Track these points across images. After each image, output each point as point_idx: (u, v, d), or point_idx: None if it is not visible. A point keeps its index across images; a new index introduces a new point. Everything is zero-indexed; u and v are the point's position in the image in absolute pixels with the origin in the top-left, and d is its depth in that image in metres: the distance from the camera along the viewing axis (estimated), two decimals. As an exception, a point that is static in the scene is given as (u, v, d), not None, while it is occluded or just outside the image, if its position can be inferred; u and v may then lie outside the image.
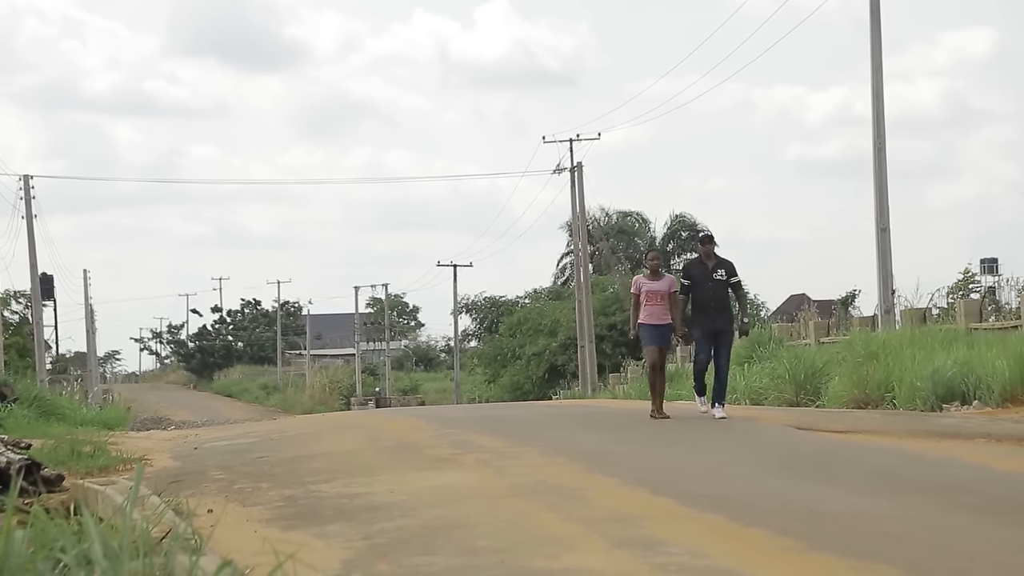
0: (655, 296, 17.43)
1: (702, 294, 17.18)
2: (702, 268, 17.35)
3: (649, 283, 17.58)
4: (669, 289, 17.48)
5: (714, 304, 17.21)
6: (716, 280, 17.21)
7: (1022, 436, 14.52)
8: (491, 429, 17.86)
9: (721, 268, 17.28)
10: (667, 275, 17.93)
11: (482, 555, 7.71)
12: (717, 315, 17.25)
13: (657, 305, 17.45)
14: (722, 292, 17.32)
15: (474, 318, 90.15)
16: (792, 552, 7.40)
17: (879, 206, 30.92)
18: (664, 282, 17.64)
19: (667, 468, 12.17)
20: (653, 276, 17.73)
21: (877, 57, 31.12)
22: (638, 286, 17.67)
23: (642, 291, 17.52)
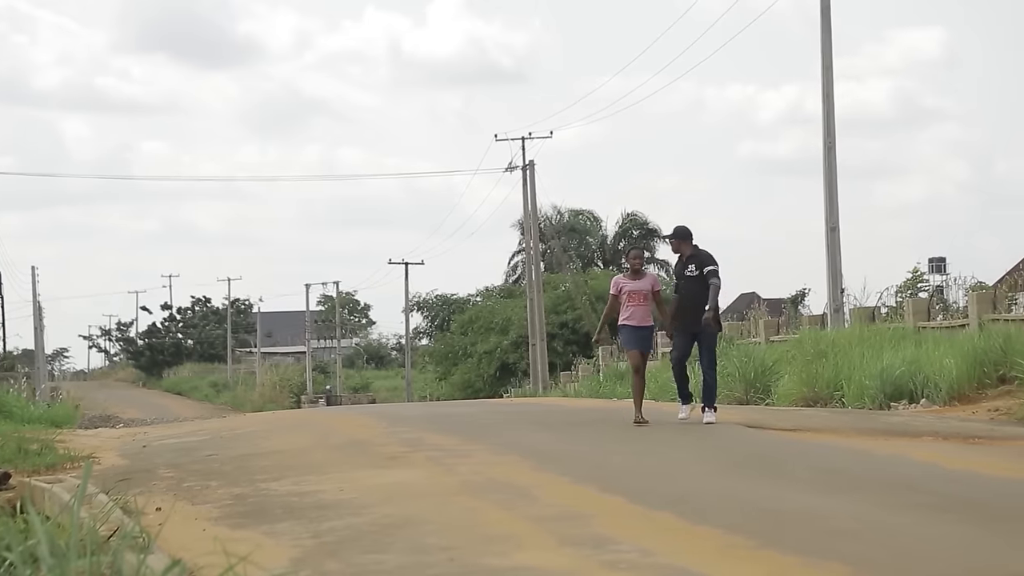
0: (637, 296, 16.40)
1: (679, 292, 16.55)
2: (679, 266, 16.61)
3: (630, 283, 16.49)
4: (652, 288, 16.58)
5: (686, 303, 16.31)
6: (688, 277, 16.33)
7: (969, 434, 14.64)
8: (442, 427, 17.84)
9: (692, 263, 16.31)
10: (649, 273, 17.17)
11: (432, 553, 7.70)
12: (690, 314, 16.25)
13: (639, 306, 16.46)
14: (695, 289, 16.28)
15: (425, 316, 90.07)
16: (742, 549, 7.42)
17: (829, 205, 31.09)
18: (646, 281, 16.68)
19: (618, 466, 12.19)
20: (634, 275, 16.63)
21: (827, 57, 31.29)
22: (618, 286, 16.55)
23: (623, 291, 16.46)
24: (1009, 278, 25.87)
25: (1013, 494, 9.57)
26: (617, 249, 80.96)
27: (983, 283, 29.30)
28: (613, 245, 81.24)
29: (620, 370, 39.48)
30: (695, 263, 16.23)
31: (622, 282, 16.57)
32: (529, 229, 59.86)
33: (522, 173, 58.75)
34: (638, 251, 17.58)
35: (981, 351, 19.55)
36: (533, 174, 58.47)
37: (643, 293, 16.38)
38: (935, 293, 32.27)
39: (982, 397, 18.91)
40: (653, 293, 16.53)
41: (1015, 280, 24.42)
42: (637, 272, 16.67)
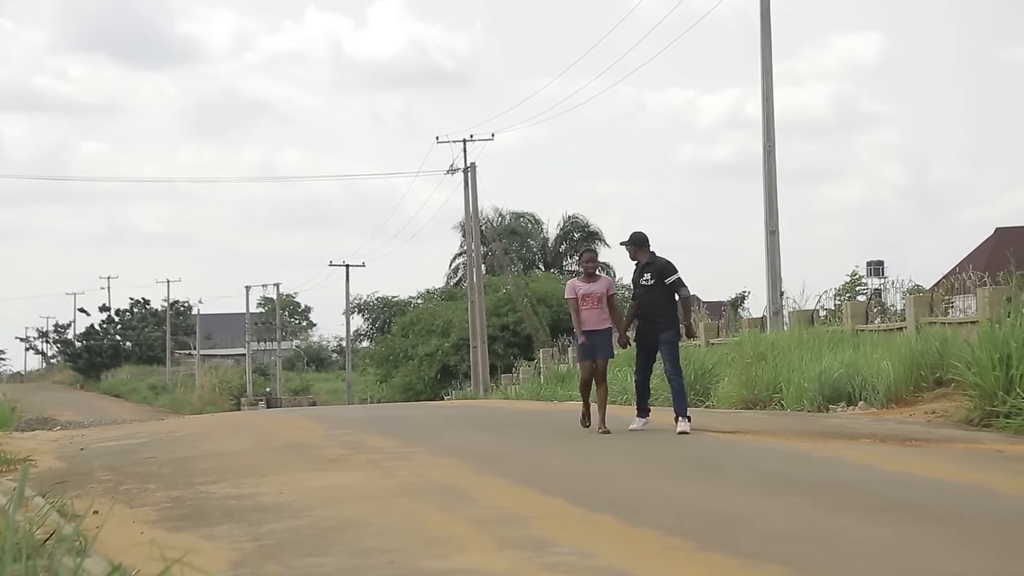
0: (591, 299, 15.61)
1: (635, 302, 15.79)
2: (636, 273, 15.73)
3: (584, 286, 15.72)
4: (607, 291, 15.76)
5: (643, 312, 15.60)
6: (643, 286, 15.51)
7: (906, 437, 14.76)
8: (382, 429, 17.81)
9: (648, 271, 15.49)
10: (603, 276, 16.13)
11: (372, 555, 7.69)
12: (646, 325, 15.57)
13: (593, 309, 15.63)
14: (652, 299, 15.46)
15: (366, 318, 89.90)
16: (681, 551, 7.45)
17: (768, 208, 31.27)
18: (600, 284, 15.82)
19: (558, 468, 12.21)
20: (588, 278, 15.84)
21: (767, 60, 31.46)
22: (574, 290, 15.74)
23: (579, 295, 15.66)
24: (946, 281, 26.05)
25: (949, 496, 9.65)
26: (559, 252, 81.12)
27: (920, 286, 29.52)
28: (554, 248, 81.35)
29: (561, 372, 39.55)
30: (652, 272, 15.46)
31: (577, 285, 15.80)
32: (470, 231, 59.83)
33: (463, 175, 58.75)
34: (591, 252, 16.71)
35: (918, 354, 19.70)
36: (475, 176, 58.49)
37: (597, 296, 15.64)
38: (873, 296, 32.51)
39: (919, 400, 19.05)
40: (607, 297, 15.75)
41: (952, 283, 24.60)
42: (591, 275, 15.90)
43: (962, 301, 23.56)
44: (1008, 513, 8.73)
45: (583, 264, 16.20)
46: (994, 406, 15.56)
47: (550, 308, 62.45)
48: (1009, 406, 15.19)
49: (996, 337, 15.92)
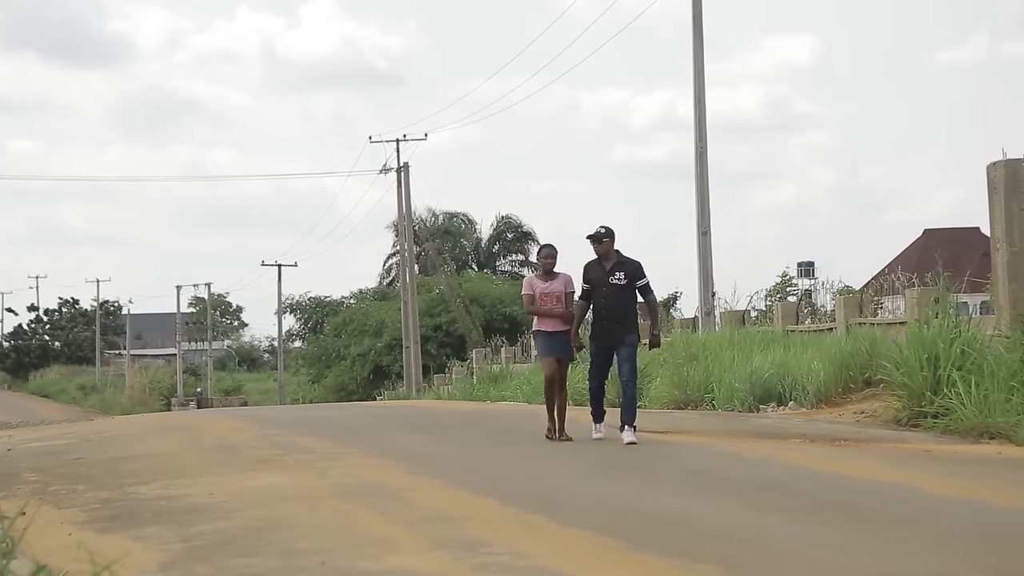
0: (550, 299, 14.79)
1: (597, 302, 14.48)
2: (599, 271, 14.44)
3: (543, 284, 14.91)
4: (566, 289, 14.80)
5: (607, 314, 14.41)
6: (613, 285, 14.34)
7: (835, 437, 14.88)
8: (314, 430, 17.75)
9: (620, 271, 14.37)
10: (563, 273, 15.01)
11: (303, 556, 7.65)
12: (611, 327, 14.40)
13: (551, 307, 14.83)
14: (621, 300, 14.43)
15: (299, 318, 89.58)
16: (612, 552, 7.46)
17: (700, 209, 31.43)
18: (559, 282, 14.87)
19: (491, 469, 12.20)
20: (547, 276, 14.96)
21: (699, 62, 31.63)
22: (532, 287, 14.96)
23: (536, 293, 14.89)
24: (875, 282, 26.30)
25: (878, 496, 9.73)
26: (492, 252, 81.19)
27: (850, 287, 29.80)
28: (488, 248, 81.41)
29: (494, 373, 39.56)
30: (624, 271, 14.39)
31: (535, 283, 15.00)
32: (403, 231, 59.72)
33: (396, 175, 58.65)
34: (550, 249, 15.31)
35: (848, 355, 19.87)
36: (408, 176, 58.39)
37: (556, 295, 14.82)
38: (804, 297, 32.74)
39: (848, 400, 19.22)
40: (566, 295, 14.84)
41: (881, 284, 24.85)
42: (549, 272, 14.99)
43: (891, 302, 23.80)
44: (936, 513, 8.80)
45: (542, 260, 15.21)
46: (922, 406, 15.71)
47: (483, 308, 62.48)
48: (937, 406, 15.35)
49: (924, 338, 16.07)
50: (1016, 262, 16.88)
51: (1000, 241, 17.11)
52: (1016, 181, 17.02)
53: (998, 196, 17.14)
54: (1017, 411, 14.12)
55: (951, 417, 14.93)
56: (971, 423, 14.56)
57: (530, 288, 15.05)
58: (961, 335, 16.00)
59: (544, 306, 14.80)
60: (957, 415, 14.83)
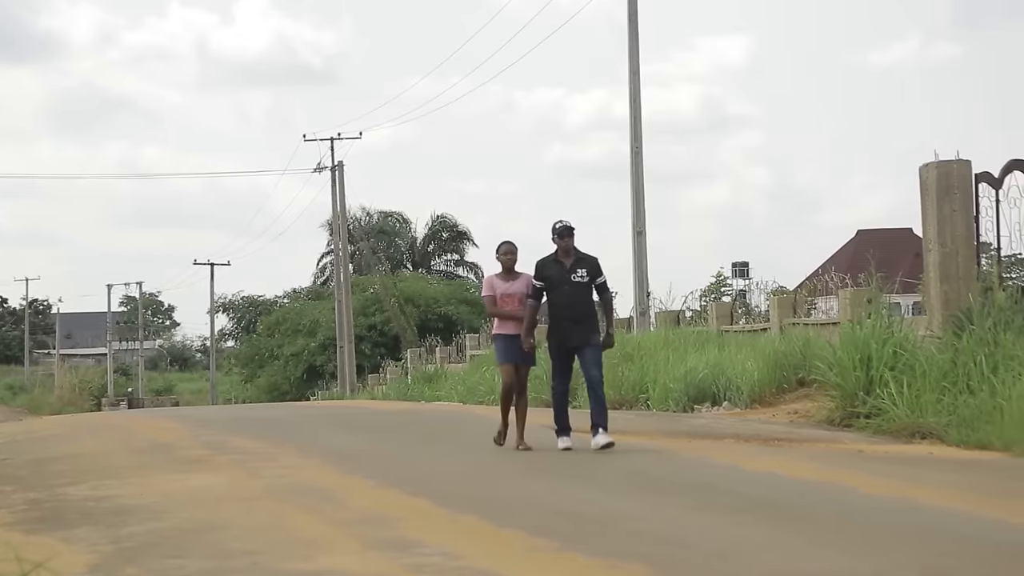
0: (510, 300, 13.73)
1: (557, 300, 13.45)
2: (558, 268, 13.44)
3: (504, 284, 13.85)
4: (527, 290, 13.72)
5: (570, 313, 13.39)
6: (575, 283, 13.38)
7: (769, 436, 14.95)
8: (246, 430, 17.64)
9: (582, 267, 13.45)
10: (524, 273, 13.93)
11: (235, 557, 7.58)
12: (573, 327, 13.39)
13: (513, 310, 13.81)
14: (582, 298, 13.51)
15: (232, 318, 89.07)
16: (545, 552, 7.44)
17: (635, 209, 31.50)
18: (521, 282, 13.80)
19: (424, 469, 12.16)
20: (507, 275, 13.89)
21: (635, 62, 31.69)
22: (492, 288, 13.91)
23: (497, 294, 13.84)
24: (809, 283, 26.48)
25: (810, 495, 9.77)
26: (427, 251, 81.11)
27: (784, 288, 30.02)
28: (423, 247, 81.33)
29: (428, 373, 39.50)
30: (585, 268, 13.49)
31: (496, 283, 13.92)
32: (338, 230, 59.53)
33: (331, 174, 58.46)
34: (509, 245, 14.05)
35: (781, 355, 19.99)
36: (342, 175, 58.21)
37: (518, 296, 13.72)
38: (738, 297, 32.93)
39: (782, 400, 19.33)
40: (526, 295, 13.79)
41: (815, 285, 25.00)
42: (510, 272, 13.92)
43: (825, 302, 23.96)
44: (868, 512, 8.85)
45: (501, 258, 13.98)
46: (855, 406, 15.82)
47: (418, 308, 62.41)
48: (869, 406, 15.46)
49: (857, 338, 16.19)
50: (948, 263, 17.03)
51: (932, 242, 17.25)
52: (948, 183, 17.18)
53: (930, 197, 17.28)
54: (948, 411, 14.24)
55: (883, 417, 15.04)
56: (903, 423, 14.67)
57: (490, 289, 13.99)
58: (894, 336, 16.14)
59: (506, 308, 13.77)
60: (889, 415, 14.95)
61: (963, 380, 14.59)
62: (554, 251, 13.58)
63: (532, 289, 13.61)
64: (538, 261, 13.69)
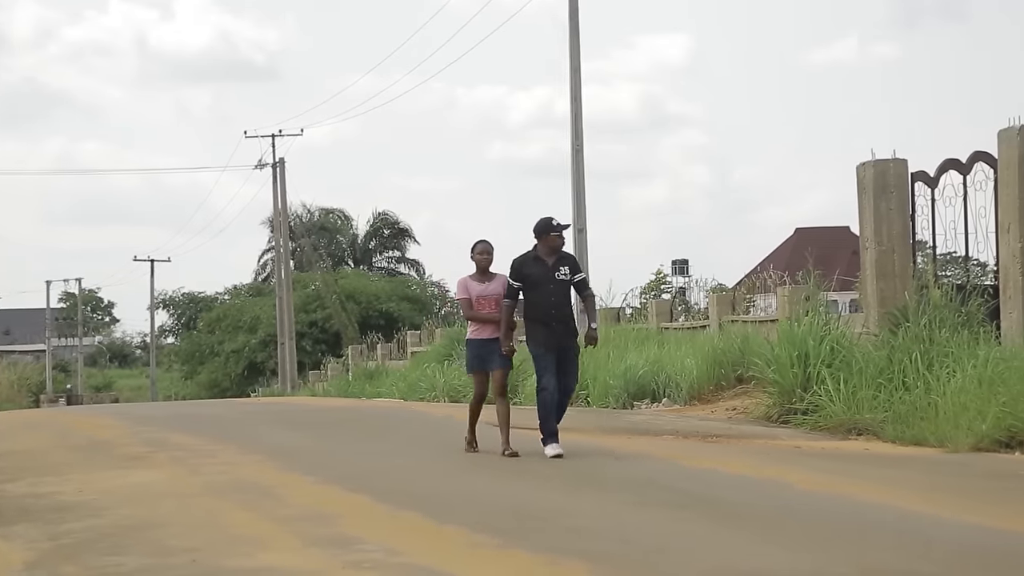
0: (487, 302, 12.93)
1: (541, 300, 12.72)
2: (540, 267, 12.73)
3: (479, 285, 13.00)
4: (503, 292, 12.94)
5: (558, 313, 12.77)
6: (559, 282, 12.74)
7: (707, 433, 15.05)
8: (187, 427, 17.57)
9: (564, 265, 12.81)
10: (499, 274, 13.12)
11: (174, 555, 7.57)
12: (562, 328, 12.78)
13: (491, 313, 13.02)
14: (566, 298, 13.04)
15: (172, 314, 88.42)
16: (486, 548, 7.48)
17: (576, 207, 31.58)
18: (497, 283, 12.99)
19: (365, 465, 12.17)
20: (482, 276, 13.07)
21: (576, 60, 31.75)
22: (467, 289, 13.05)
23: (473, 296, 13.01)
24: (747, 280, 26.68)
25: (749, 491, 9.85)
26: (368, 248, 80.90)
27: (723, 285, 30.16)
28: (364, 244, 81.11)
29: (369, 370, 39.43)
30: (567, 265, 12.86)
31: (470, 285, 13.06)
32: (279, 227, 59.30)
33: (272, 171, 58.16)
34: (485, 244, 13.24)
35: (720, 352, 20.12)
36: (283, 172, 57.96)
37: (494, 299, 12.95)
38: (678, 295, 33.10)
39: (721, 397, 19.46)
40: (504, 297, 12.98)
41: (753, 282, 25.17)
42: (485, 272, 13.10)
43: (763, 300, 24.12)
44: (805, 509, 8.94)
45: (477, 257, 13.13)
46: (792, 403, 15.95)
47: (359, 305, 62.28)
48: (807, 403, 15.59)
49: (795, 335, 16.32)
50: (884, 261, 17.20)
51: (869, 240, 17.42)
52: (884, 181, 17.35)
53: (867, 196, 17.45)
54: (884, 408, 14.39)
55: (820, 414, 15.17)
56: (840, 420, 14.81)
57: (465, 291, 13.10)
58: (831, 333, 16.28)
59: (482, 311, 12.96)
60: (826, 412, 15.08)
61: (899, 377, 14.75)
62: (532, 249, 12.91)
63: (508, 289, 12.86)
64: (515, 260, 12.98)
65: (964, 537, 7.66)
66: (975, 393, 13.23)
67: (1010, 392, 12.83)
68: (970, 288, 16.14)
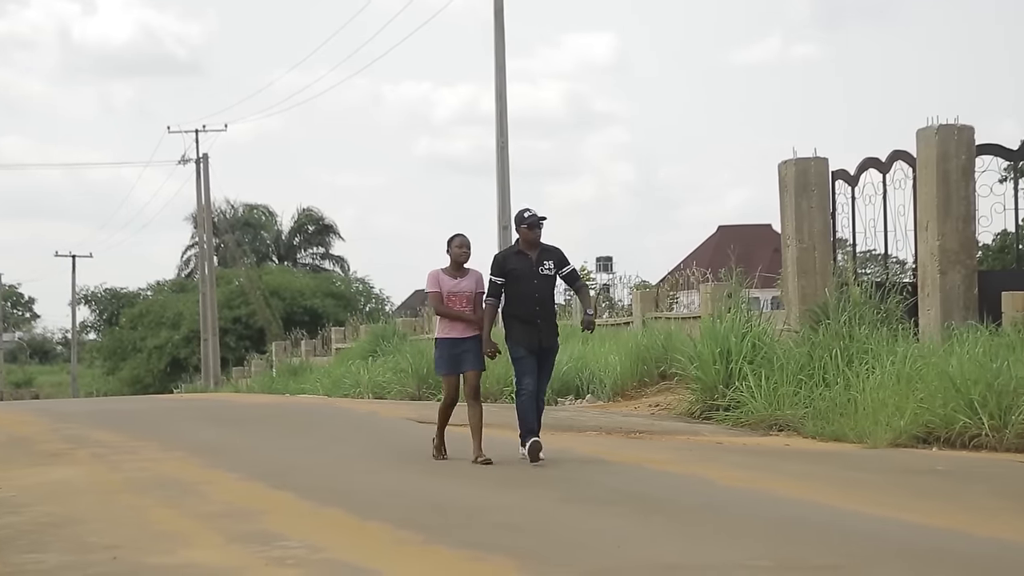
0: (458, 299, 12.13)
1: (524, 296, 12.00)
2: (523, 260, 12.06)
3: (451, 280, 12.18)
4: (477, 289, 12.18)
5: (541, 310, 12.05)
6: (543, 276, 12.06)
7: (631, 429, 15.14)
8: (108, 423, 17.44)
9: (548, 259, 12.12)
10: (473, 270, 12.29)
11: (94, 552, 7.52)
12: (545, 325, 12.05)
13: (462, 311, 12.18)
14: (550, 293, 12.33)
15: (93, 310, 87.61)
16: (410, 545, 7.49)
17: (501, 204, 31.61)
18: (470, 279, 12.21)
19: (288, 462, 12.13)
20: (456, 271, 12.22)
21: (501, 57, 31.78)
22: (439, 283, 12.18)
23: (444, 292, 12.17)
24: (671, 277, 26.80)
25: (671, 487, 9.93)
26: (292, 244, 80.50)
27: (647, 282, 30.26)
28: (288, 240, 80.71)
29: (293, 366, 39.28)
30: (552, 259, 12.16)
31: (443, 279, 12.21)
32: (202, 223, 58.88)
33: (196, 166, 57.71)
34: (463, 239, 12.35)
35: (644, 348, 20.24)
36: (207, 167, 57.54)
37: (466, 296, 12.16)
38: (602, 291, 33.16)
39: (644, 393, 19.56)
40: (476, 296, 12.21)
41: (677, 280, 25.31)
42: (460, 267, 12.24)
43: (686, 297, 24.28)
44: (726, 503, 9.03)
45: (455, 251, 12.23)
46: (715, 399, 16.08)
47: (284, 301, 61.99)
48: (729, 399, 15.72)
49: (717, 332, 16.45)
50: (805, 258, 17.38)
51: (790, 238, 17.60)
52: (806, 180, 17.53)
53: (789, 194, 17.63)
54: (805, 404, 14.54)
55: (742, 410, 15.31)
56: (761, 416, 14.95)
57: (436, 285, 12.23)
58: (752, 329, 16.42)
59: (454, 308, 12.13)
60: (748, 408, 15.22)
61: (819, 373, 14.92)
62: (514, 243, 12.32)
63: (491, 286, 12.08)
64: (497, 254, 12.46)
65: (882, 532, 7.77)
66: (893, 389, 13.41)
67: (927, 388, 13.01)
68: (889, 285, 16.35)
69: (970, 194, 16.18)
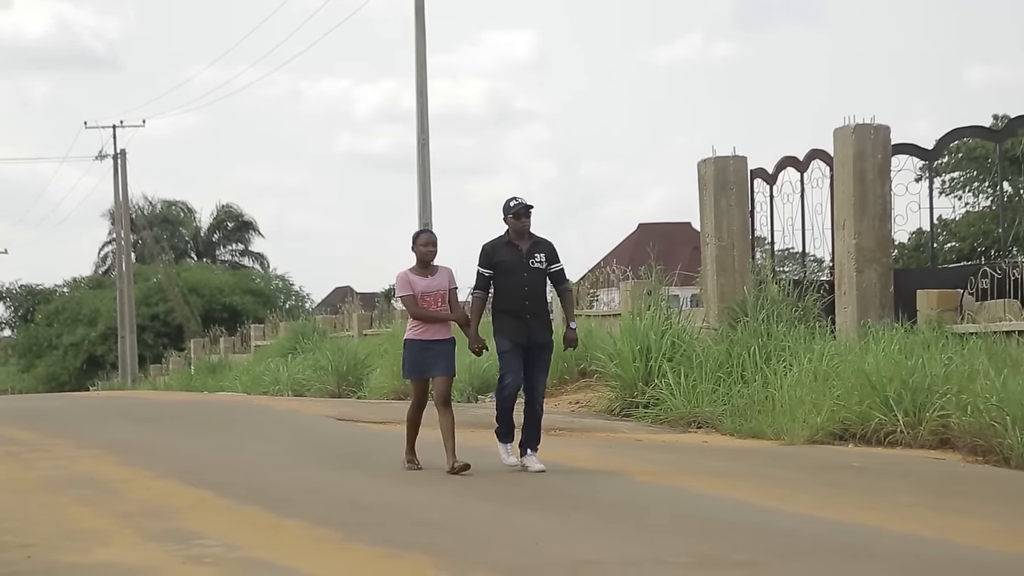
0: (433, 299, 11.36)
1: (513, 289, 11.31)
2: (513, 252, 11.33)
3: (422, 280, 11.38)
4: (449, 286, 11.45)
5: (531, 304, 11.36)
6: (534, 269, 11.33)
7: (551, 426, 15.08)
8: (22, 421, 17.24)
9: (540, 252, 11.39)
10: (442, 267, 11.52)
11: (8, 550, 7.42)
12: (535, 320, 11.35)
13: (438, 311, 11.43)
14: (542, 288, 11.62)
15: (8, 307, 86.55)
16: (328, 543, 7.46)
17: (422, 201, 31.54)
18: (441, 277, 11.45)
19: (206, 459, 12.06)
20: (424, 269, 11.44)
21: (422, 54, 31.71)
22: (410, 286, 11.35)
23: (417, 293, 11.33)
24: (591, 275, 26.86)
25: (590, 484, 9.97)
26: (212, 241, 79.92)
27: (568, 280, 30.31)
28: (207, 237, 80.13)
29: (212, 363, 39.04)
30: (544, 252, 11.43)
31: (413, 279, 11.40)
32: (120, 219, 58.33)
33: (113, 162, 57.18)
34: (429, 235, 11.68)
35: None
36: (125, 163, 57.00)
37: (440, 294, 11.40)
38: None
39: (564, 390, 19.60)
40: (449, 293, 11.48)
41: (597, 277, 25.37)
42: (427, 266, 11.44)
43: (607, 294, 24.36)
44: (644, 500, 9.08)
45: (421, 249, 11.48)
46: (634, 396, 16.16)
47: (203, 298, 61.54)
48: (648, 396, 15.81)
49: (637, 329, 16.53)
50: (724, 256, 17.50)
51: (710, 236, 17.71)
52: (724, 178, 17.65)
53: (708, 192, 17.74)
54: (723, 401, 14.65)
55: (662, 407, 15.39)
56: (680, 413, 15.05)
57: (408, 288, 11.40)
58: (672, 327, 16.52)
59: (429, 308, 11.33)
60: (667, 405, 15.31)
61: (737, 371, 15.04)
62: (504, 233, 11.47)
63: (479, 279, 11.42)
64: (485, 244, 11.55)
65: (798, 527, 7.84)
66: (810, 387, 13.54)
67: (844, 386, 13.15)
68: (807, 283, 16.50)
69: (886, 193, 16.36)
